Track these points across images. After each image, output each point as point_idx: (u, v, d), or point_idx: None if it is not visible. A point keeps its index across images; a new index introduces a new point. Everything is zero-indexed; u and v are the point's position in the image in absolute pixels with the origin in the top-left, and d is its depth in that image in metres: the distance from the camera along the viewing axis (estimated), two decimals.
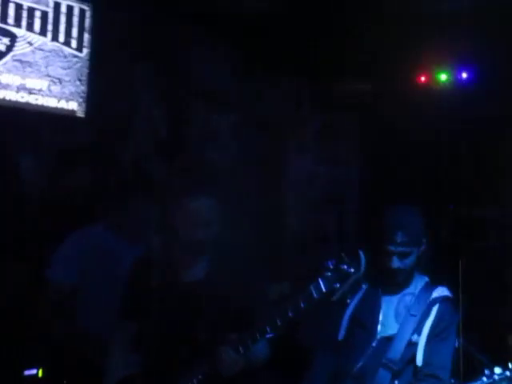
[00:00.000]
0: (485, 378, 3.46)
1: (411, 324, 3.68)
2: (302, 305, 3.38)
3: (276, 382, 5.13)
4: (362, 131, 6.70)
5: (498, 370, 3.47)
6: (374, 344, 3.69)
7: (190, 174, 3.89)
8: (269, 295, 3.76)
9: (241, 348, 3.48)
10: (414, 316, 3.69)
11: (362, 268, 3.37)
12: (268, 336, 3.50)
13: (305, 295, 3.39)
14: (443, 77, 5.55)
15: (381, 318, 3.73)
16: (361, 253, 3.39)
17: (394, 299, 3.76)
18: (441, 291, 3.76)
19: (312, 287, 3.38)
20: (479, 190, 5.82)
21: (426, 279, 3.82)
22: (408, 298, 3.74)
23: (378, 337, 3.70)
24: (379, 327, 3.72)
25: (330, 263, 3.39)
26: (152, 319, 3.61)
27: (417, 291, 3.75)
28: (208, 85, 6.20)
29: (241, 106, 6.44)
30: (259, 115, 6.52)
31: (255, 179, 6.53)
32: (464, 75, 5.35)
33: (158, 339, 3.65)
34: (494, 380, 3.44)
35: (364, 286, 3.79)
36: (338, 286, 3.36)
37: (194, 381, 3.56)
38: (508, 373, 3.45)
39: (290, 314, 3.40)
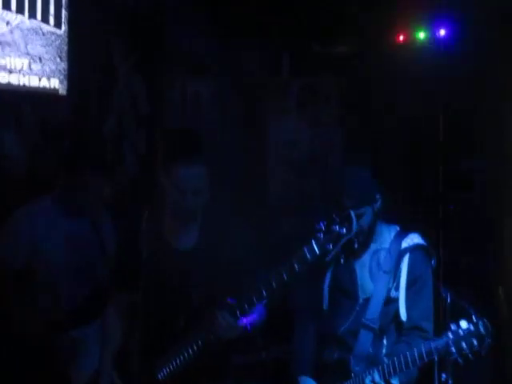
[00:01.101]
0: (450, 334, 3.46)
1: (385, 280, 3.69)
2: (297, 267, 3.41)
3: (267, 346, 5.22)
4: (343, 93, 6.70)
5: (463, 325, 3.46)
6: (357, 308, 3.74)
7: (173, 141, 3.87)
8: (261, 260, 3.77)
9: (238, 312, 3.52)
10: (386, 271, 3.70)
11: (354, 228, 3.40)
12: (264, 300, 3.55)
13: (298, 257, 3.42)
14: (421, 35, 5.54)
15: (358, 281, 3.77)
16: (352, 213, 3.41)
17: (366, 258, 3.77)
18: (411, 239, 3.74)
19: (305, 249, 3.40)
20: (465, 144, 5.86)
21: (397, 229, 3.81)
22: (379, 254, 3.74)
23: (361, 300, 3.75)
24: (359, 291, 3.77)
25: (321, 225, 3.41)
26: (146, 289, 3.63)
27: (387, 244, 3.75)
28: (186, 51, 6.17)
29: (221, 71, 6.42)
30: (240, 79, 6.51)
31: (237, 144, 6.53)
32: (442, 33, 5.34)
33: (153, 308, 3.67)
34: (460, 335, 3.45)
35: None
36: (331, 247, 3.39)
37: (194, 347, 3.61)
38: (472, 327, 3.45)
39: (285, 277, 3.44)
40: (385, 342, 3.72)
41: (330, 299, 3.81)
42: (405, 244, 3.73)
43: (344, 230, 3.38)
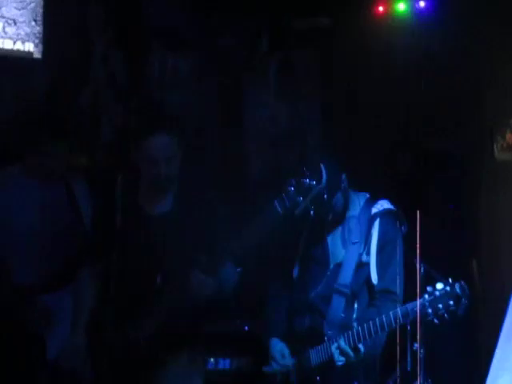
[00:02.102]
0: (426, 296, 3.48)
1: (355, 245, 3.71)
2: (268, 222, 3.42)
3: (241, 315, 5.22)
4: (322, 66, 6.68)
5: (439, 286, 3.49)
6: (328, 273, 3.74)
7: (146, 113, 3.91)
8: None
9: (209, 269, 3.52)
10: (356, 240, 3.71)
11: (324, 180, 3.41)
12: (235, 258, 3.55)
13: (269, 211, 3.43)
14: (401, 6, 5.52)
15: (329, 247, 3.78)
16: (322, 166, 3.41)
17: (338, 228, 3.78)
18: (380, 205, 3.76)
19: (276, 202, 3.41)
20: (440, 123, 5.85)
21: (367, 196, 3.83)
22: (350, 221, 3.75)
23: (331, 265, 3.75)
24: (330, 257, 3.77)
25: (292, 180, 3.42)
26: (120, 253, 3.66)
27: (357, 212, 3.77)
28: (164, 23, 6.14)
29: (200, 46, 6.39)
30: (218, 54, 6.48)
31: (214, 118, 6.53)
32: (422, 4, 5.33)
33: (128, 272, 3.70)
34: (436, 296, 3.47)
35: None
36: (301, 199, 3.39)
37: (167, 309, 3.61)
38: (448, 288, 3.47)
39: (257, 231, 3.45)
40: (356, 306, 3.74)
41: (301, 266, 3.82)
42: (375, 210, 3.76)
43: (314, 182, 3.39)
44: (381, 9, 5.62)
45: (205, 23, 6.31)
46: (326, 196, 3.58)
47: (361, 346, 3.59)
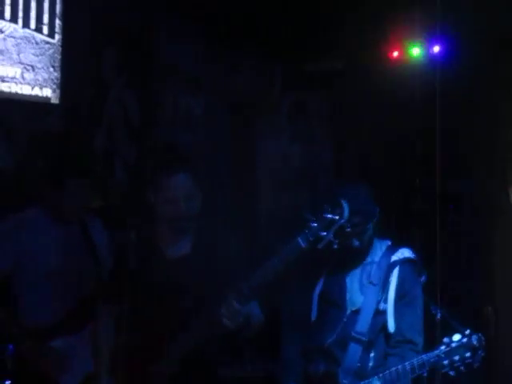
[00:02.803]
0: (443, 347, 3.48)
1: (374, 293, 3.69)
2: (291, 256, 3.44)
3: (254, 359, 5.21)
4: (335, 109, 6.71)
5: (456, 337, 3.49)
6: (344, 319, 3.73)
7: (162, 152, 3.93)
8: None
9: (241, 299, 3.54)
10: (375, 284, 3.70)
11: (346, 214, 3.42)
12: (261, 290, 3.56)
13: (292, 246, 3.44)
14: (416, 51, 5.54)
15: (347, 293, 3.76)
16: (343, 201, 3.43)
17: (357, 271, 3.77)
18: (401, 253, 3.75)
19: (299, 238, 3.43)
20: (453, 165, 5.86)
21: (388, 243, 3.82)
22: (370, 267, 3.75)
23: (348, 311, 3.74)
24: (348, 302, 3.76)
25: (313, 216, 3.44)
26: (137, 295, 3.67)
27: (378, 257, 3.76)
28: (177, 67, 6.19)
29: (212, 87, 6.44)
30: (231, 95, 6.53)
31: (227, 158, 6.56)
32: (436, 49, 5.35)
33: (144, 314, 3.71)
34: (452, 348, 3.46)
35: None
36: (325, 234, 3.40)
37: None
38: (465, 339, 3.47)
39: (280, 266, 3.46)
40: (372, 354, 3.71)
41: (319, 310, 3.81)
42: (395, 257, 3.74)
43: (336, 217, 3.40)
44: (395, 54, 5.65)
45: (218, 64, 6.36)
46: (349, 230, 3.57)
47: None
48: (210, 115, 6.46)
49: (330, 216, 3.42)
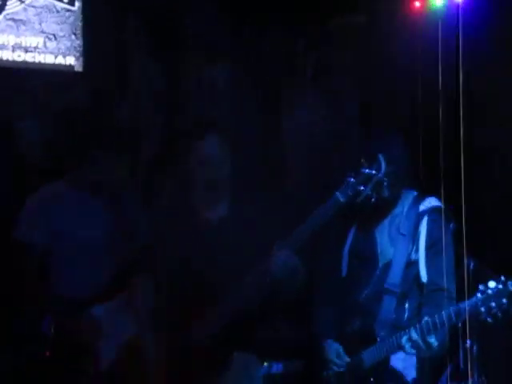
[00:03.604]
0: (479, 294, 3.47)
1: (404, 243, 3.71)
2: (330, 211, 3.46)
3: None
4: (360, 65, 6.66)
5: (492, 284, 3.47)
6: (377, 272, 3.74)
7: (191, 122, 3.97)
8: None
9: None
10: (404, 235, 3.71)
11: (383, 168, 3.44)
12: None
13: (331, 201, 3.47)
14: (438, 1, 5.47)
15: (378, 246, 3.78)
16: (380, 156, 3.44)
17: (386, 223, 3.79)
18: (428, 202, 3.76)
19: (337, 193, 3.46)
20: (479, 116, 5.81)
21: (414, 193, 3.83)
22: (398, 218, 3.76)
23: (380, 265, 3.75)
24: (379, 255, 3.76)
25: (351, 172, 3.47)
26: (175, 259, 3.72)
27: (405, 209, 3.77)
28: (200, 33, 6.17)
29: (236, 53, 6.43)
30: (254, 57, 6.50)
31: (253, 121, 6.55)
32: None
33: (184, 276, 3.75)
34: (488, 294, 3.45)
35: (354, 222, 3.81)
36: (362, 188, 3.43)
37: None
38: (501, 286, 3.45)
39: (320, 221, 3.49)
40: (407, 305, 3.72)
41: (349, 266, 3.82)
42: (422, 207, 3.75)
43: (373, 171, 3.42)
44: (417, 4, 5.58)
45: (242, 32, 6.34)
46: (386, 184, 3.57)
47: (433, 340, 3.55)
48: (235, 81, 6.45)
49: (367, 171, 3.45)
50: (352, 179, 3.49)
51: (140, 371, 4.06)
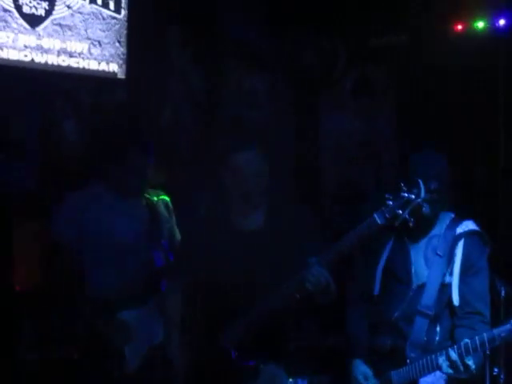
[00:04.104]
0: None
1: (439, 266, 3.66)
2: (367, 231, 3.47)
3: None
4: (399, 83, 6.67)
5: None
6: (410, 293, 3.74)
7: (231, 130, 3.99)
8: None
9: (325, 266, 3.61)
10: (441, 257, 3.67)
11: (422, 194, 3.43)
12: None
13: (369, 222, 3.48)
14: (480, 24, 5.47)
15: (412, 266, 3.74)
16: (419, 180, 3.44)
17: (422, 244, 3.74)
18: (465, 226, 3.70)
19: (375, 214, 3.46)
20: None
21: (452, 216, 3.78)
22: (435, 240, 3.72)
23: (414, 286, 3.74)
24: (413, 277, 3.76)
25: (388, 195, 3.47)
26: (210, 269, 3.74)
27: (442, 231, 3.73)
28: (243, 42, 6.21)
29: (276, 63, 6.45)
30: (295, 70, 6.53)
31: (291, 134, 6.57)
32: (501, 22, 5.27)
33: (217, 287, 3.77)
34: None
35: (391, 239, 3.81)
36: (400, 212, 3.43)
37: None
38: None
39: (356, 241, 3.50)
40: (438, 328, 3.70)
41: (382, 284, 3.81)
42: (460, 230, 3.71)
43: (413, 196, 3.42)
44: (459, 27, 5.59)
45: (282, 39, 6.36)
46: (424, 209, 3.57)
47: (471, 362, 3.49)
48: (275, 91, 6.47)
49: (406, 195, 3.45)
50: (391, 202, 3.49)
51: (166, 378, 4.08)
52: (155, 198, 4.38)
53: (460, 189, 5.69)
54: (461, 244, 3.69)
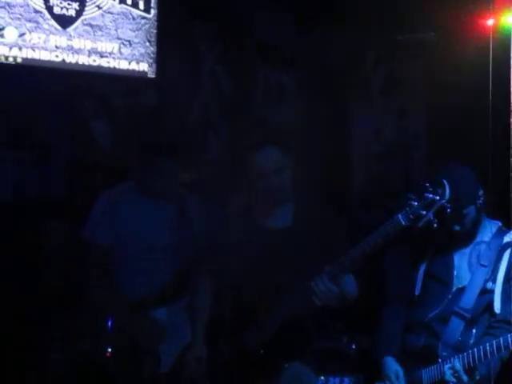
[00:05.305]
0: None
1: (482, 272, 3.70)
2: (391, 232, 3.47)
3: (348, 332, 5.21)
4: (427, 80, 6.62)
5: None
6: (449, 296, 3.73)
7: (253, 126, 3.99)
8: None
9: (334, 276, 3.59)
10: (485, 264, 3.71)
11: (447, 195, 3.42)
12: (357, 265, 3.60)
13: (393, 222, 3.47)
14: (511, 19, 5.41)
15: (455, 270, 3.77)
16: (444, 181, 3.43)
17: (466, 251, 3.79)
18: None
19: (399, 215, 3.46)
20: None
21: (499, 224, 3.81)
22: (480, 247, 3.75)
23: (454, 288, 3.74)
24: (454, 279, 3.75)
25: (412, 195, 3.46)
26: (236, 267, 3.75)
27: (488, 238, 3.76)
28: (270, 41, 6.20)
29: (303, 62, 6.44)
30: (322, 70, 6.51)
31: (318, 136, 6.55)
32: None
33: (242, 285, 3.78)
34: None
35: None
36: (424, 213, 3.42)
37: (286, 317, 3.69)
38: None
39: (379, 241, 3.49)
40: (474, 331, 3.71)
41: (423, 285, 3.81)
42: (507, 239, 3.73)
43: (437, 197, 3.41)
44: (490, 22, 5.52)
45: (310, 40, 6.35)
46: (449, 210, 3.56)
47: (476, 372, 3.57)
48: (302, 90, 6.46)
49: (431, 196, 3.44)
50: (415, 203, 3.47)
51: (195, 377, 4.09)
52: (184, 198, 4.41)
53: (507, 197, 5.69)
54: (507, 253, 3.72)
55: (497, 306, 3.66)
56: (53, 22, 4.92)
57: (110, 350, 4.26)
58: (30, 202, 5.12)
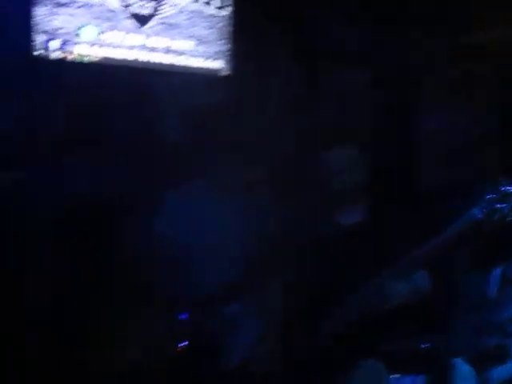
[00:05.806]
0: None
1: None
2: (466, 227, 3.46)
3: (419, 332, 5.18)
4: (500, 80, 6.55)
5: None
6: None
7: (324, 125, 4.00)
8: None
9: (402, 277, 3.58)
10: None
11: None
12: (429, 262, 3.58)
13: (467, 216, 3.46)
14: None
15: None
16: None
17: None
18: None
19: (474, 209, 3.45)
20: None
21: None
22: None
23: None
24: None
25: (486, 190, 3.45)
26: (310, 264, 3.77)
27: None
28: (344, 41, 6.20)
29: (373, 63, 6.42)
30: (393, 71, 6.49)
31: (391, 137, 6.53)
32: None
33: (316, 281, 3.80)
34: None
35: None
36: (499, 206, 3.40)
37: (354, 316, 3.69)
38: None
39: (454, 236, 3.48)
40: None
41: (499, 288, 3.78)
42: None
43: None
44: None
45: (381, 41, 6.33)
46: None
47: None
48: (373, 91, 6.44)
49: (506, 188, 3.42)
50: (490, 196, 3.46)
51: (266, 373, 4.11)
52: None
53: None
54: None
55: None
56: (129, 21, 4.99)
57: (182, 344, 4.31)
58: (111, 201, 5.18)
